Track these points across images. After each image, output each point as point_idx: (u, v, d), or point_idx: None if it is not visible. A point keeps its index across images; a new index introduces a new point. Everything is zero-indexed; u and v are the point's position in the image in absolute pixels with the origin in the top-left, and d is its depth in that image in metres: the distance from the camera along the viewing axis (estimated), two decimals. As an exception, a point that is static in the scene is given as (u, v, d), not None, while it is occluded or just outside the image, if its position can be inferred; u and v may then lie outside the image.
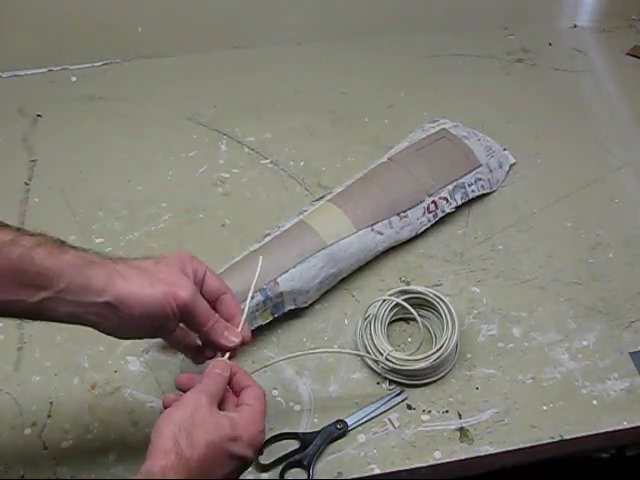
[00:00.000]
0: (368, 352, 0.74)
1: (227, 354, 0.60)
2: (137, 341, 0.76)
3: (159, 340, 0.76)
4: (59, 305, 0.53)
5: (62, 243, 0.54)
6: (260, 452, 0.67)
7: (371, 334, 0.75)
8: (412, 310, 0.74)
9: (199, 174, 0.97)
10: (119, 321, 0.54)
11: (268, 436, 0.68)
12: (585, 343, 0.77)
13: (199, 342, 0.62)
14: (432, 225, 0.87)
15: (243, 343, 0.60)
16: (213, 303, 0.60)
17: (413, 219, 0.85)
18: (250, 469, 0.67)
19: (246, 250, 0.79)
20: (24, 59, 1.13)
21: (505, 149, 0.97)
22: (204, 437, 0.51)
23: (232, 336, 0.59)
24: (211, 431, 0.52)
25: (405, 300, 0.76)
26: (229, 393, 0.58)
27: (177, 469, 0.49)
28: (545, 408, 0.72)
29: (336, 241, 0.79)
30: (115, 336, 0.57)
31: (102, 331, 0.56)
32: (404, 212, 0.84)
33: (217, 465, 0.52)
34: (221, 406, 0.56)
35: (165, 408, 0.55)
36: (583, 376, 0.74)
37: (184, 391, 0.56)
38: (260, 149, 1.01)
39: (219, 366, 0.58)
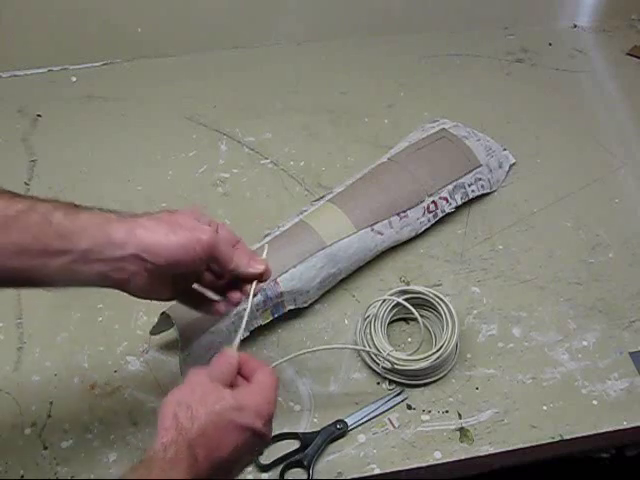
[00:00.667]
0: (368, 352, 0.74)
1: (254, 285, 0.61)
2: (137, 341, 0.77)
3: (159, 340, 0.76)
4: (84, 266, 0.53)
5: (76, 205, 0.55)
6: (260, 452, 0.67)
7: (371, 334, 0.75)
8: (413, 310, 0.74)
9: (199, 174, 0.97)
10: (147, 274, 0.55)
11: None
12: (585, 343, 0.77)
13: (215, 297, 0.63)
14: (432, 225, 0.87)
15: (265, 275, 0.62)
16: None
17: (413, 219, 0.85)
18: (250, 469, 0.67)
19: (246, 250, 0.79)
20: (24, 59, 1.13)
21: (505, 149, 0.97)
22: (204, 409, 0.50)
23: (257, 264, 0.61)
24: (211, 403, 0.51)
25: (405, 300, 0.76)
26: (241, 380, 0.57)
27: (178, 442, 0.49)
28: (545, 408, 0.72)
29: (336, 241, 0.79)
30: (142, 295, 0.58)
31: (130, 291, 0.57)
32: (404, 212, 0.84)
33: (222, 436, 0.51)
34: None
35: None
36: (583, 376, 0.74)
37: None
38: (260, 149, 1.01)
39: (226, 353, 0.57)
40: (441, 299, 0.76)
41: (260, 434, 0.53)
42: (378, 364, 0.73)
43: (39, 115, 1.06)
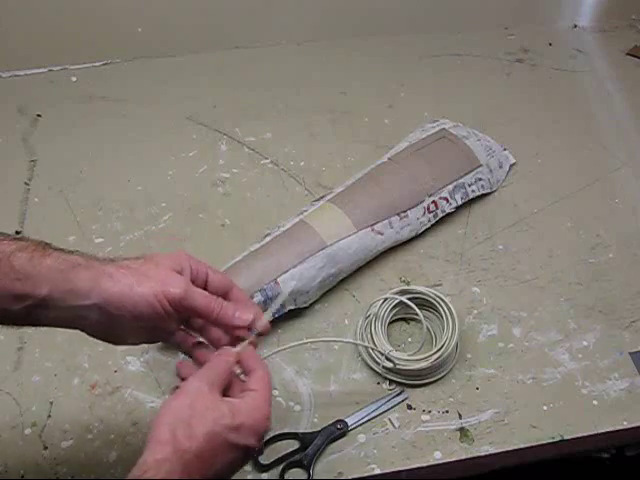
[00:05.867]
0: (368, 352, 0.74)
1: (246, 342, 0.58)
2: (137, 341, 0.77)
3: (159, 340, 0.76)
4: (46, 311, 0.52)
5: (45, 246, 0.53)
6: (260, 452, 0.67)
7: (371, 334, 0.75)
8: (417, 310, 0.74)
9: (199, 174, 0.97)
10: (110, 324, 0.53)
11: (268, 436, 0.68)
12: (585, 343, 0.77)
13: (201, 339, 0.61)
14: (432, 225, 0.87)
15: (261, 333, 0.59)
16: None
17: (413, 219, 0.85)
18: (250, 469, 0.67)
19: (246, 250, 0.79)
20: (24, 59, 1.13)
21: (505, 149, 0.97)
22: (203, 427, 0.49)
23: (244, 314, 0.57)
24: (210, 420, 0.50)
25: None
26: (236, 379, 0.56)
27: (172, 461, 0.48)
28: (545, 408, 0.72)
29: (336, 241, 0.79)
30: (109, 341, 0.56)
31: (95, 336, 0.55)
32: (404, 212, 0.84)
33: (217, 455, 0.50)
34: (227, 392, 0.55)
35: (179, 376, 0.55)
36: (583, 376, 0.74)
37: (184, 379, 0.55)
38: (260, 149, 1.01)
39: (223, 353, 0.56)
40: (441, 299, 0.76)
41: (253, 449, 0.53)
42: (378, 364, 0.73)
43: (39, 115, 1.06)
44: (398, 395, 0.72)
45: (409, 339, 0.78)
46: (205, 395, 0.51)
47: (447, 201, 0.88)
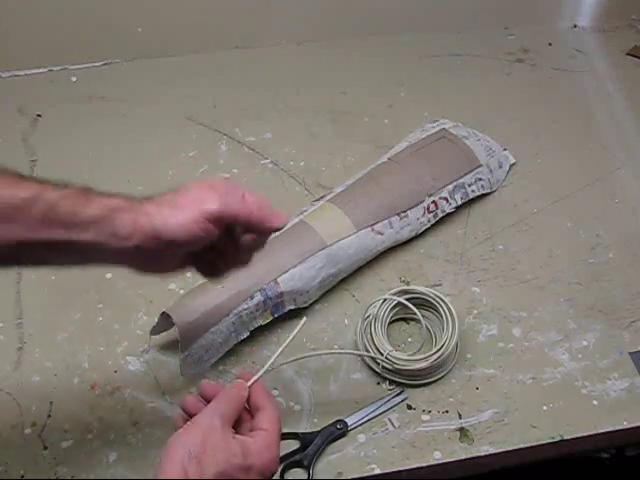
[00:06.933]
0: (368, 352, 0.74)
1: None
2: (137, 341, 0.77)
3: (159, 340, 0.76)
4: (92, 254, 0.52)
5: (87, 193, 0.53)
6: None
7: (371, 334, 0.75)
8: (415, 310, 0.74)
9: (199, 174, 0.97)
10: (158, 258, 0.54)
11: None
12: (585, 343, 0.77)
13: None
14: (432, 225, 0.87)
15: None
16: None
17: (413, 219, 0.85)
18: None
19: (246, 250, 0.79)
20: (24, 59, 1.13)
21: (505, 149, 0.97)
22: (214, 466, 0.49)
23: (280, 217, 0.57)
24: (222, 460, 0.50)
25: (405, 300, 0.76)
26: (245, 414, 0.56)
27: None
28: (545, 408, 0.72)
29: (336, 241, 0.79)
30: (158, 274, 0.57)
31: (147, 272, 0.56)
32: (404, 212, 0.84)
33: None
34: (236, 427, 0.54)
35: (184, 411, 0.55)
36: (583, 376, 0.74)
37: (190, 415, 0.55)
38: (260, 149, 1.01)
39: (236, 386, 0.56)
40: (441, 299, 0.76)
41: None
42: (378, 364, 0.73)
43: (39, 115, 1.06)
44: (398, 395, 0.72)
45: (409, 339, 0.78)
46: (217, 431, 0.51)
47: (447, 201, 0.88)
